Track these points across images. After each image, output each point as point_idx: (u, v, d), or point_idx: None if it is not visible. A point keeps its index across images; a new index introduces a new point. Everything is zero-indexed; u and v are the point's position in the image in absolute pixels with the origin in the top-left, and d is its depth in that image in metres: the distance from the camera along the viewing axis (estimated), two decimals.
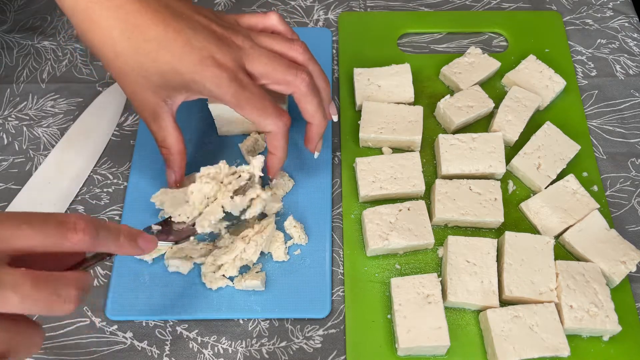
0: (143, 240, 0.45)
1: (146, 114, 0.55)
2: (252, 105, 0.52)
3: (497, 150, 0.64)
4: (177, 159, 0.58)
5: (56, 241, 0.38)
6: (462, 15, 0.79)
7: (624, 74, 0.74)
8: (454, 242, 0.59)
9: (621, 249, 0.59)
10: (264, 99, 0.53)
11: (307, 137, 0.60)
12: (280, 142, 0.56)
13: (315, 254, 0.61)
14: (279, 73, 0.53)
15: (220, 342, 0.58)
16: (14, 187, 0.66)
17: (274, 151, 0.58)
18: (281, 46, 0.55)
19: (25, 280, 0.36)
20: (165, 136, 0.56)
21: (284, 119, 0.55)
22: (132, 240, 0.44)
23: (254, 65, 0.53)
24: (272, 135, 0.56)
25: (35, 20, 0.78)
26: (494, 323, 0.55)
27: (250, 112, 0.53)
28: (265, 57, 0.53)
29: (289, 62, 0.54)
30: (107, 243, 0.42)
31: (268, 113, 0.53)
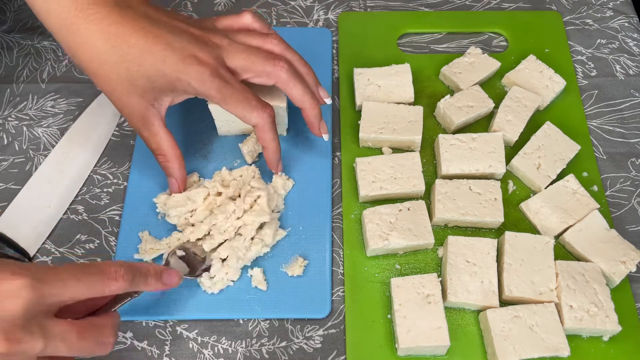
0: (167, 277, 0.51)
1: (136, 121, 0.55)
2: (235, 99, 0.54)
3: (497, 150, 0.64)
4: (175, 165, 0.59)
5: (99, 290, 0.44)
6: (462, 15, 0.79)
7: (624, 74, 0.74)
8: (454, 242, 0.59)
9: (621, 249, 0.59)
10: (246, 92, 0.55)
11: (307, 124, 0.61)
12: (268, 134, 0.58)
13: (315, 254, 0.61)
14: (258, 65, 0.55)
15: (220, 342, 0.58)
16: (14, 187, 0.66)
17: (266, 144, 0.59)
18: (257, 41, 0.57)
19: (72, 332, 0.43)
20: (159, 142, 0.57)
21: (267, 110, 0.56)
22: (159, 279, 0.50)
23: (233, 61, 0.55)
24: (259, 128, 0.57)
25: (35, 20, 0.78)
26: (494, 323, 0.55)
27: (235, 107, 0.55)
28: (244, 52, 0.55)
29: (266, 54, 0.56)
30: (139, 285, 0.48)
31: (252, 106, 0.55)
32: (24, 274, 0.40)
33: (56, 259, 0.62)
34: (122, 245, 0.62)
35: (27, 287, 0.40)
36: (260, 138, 0.58)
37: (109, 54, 0.51)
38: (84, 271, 0.44)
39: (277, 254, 0.61)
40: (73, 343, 0.43)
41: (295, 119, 0.69)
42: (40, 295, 0.41)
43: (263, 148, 0.60)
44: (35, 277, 0.41)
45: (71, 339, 0.42)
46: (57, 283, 0.42)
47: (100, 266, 0.45)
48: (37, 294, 0.40)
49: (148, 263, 0.51)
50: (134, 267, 0.47)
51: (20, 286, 0.40)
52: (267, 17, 0.79)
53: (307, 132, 0.69)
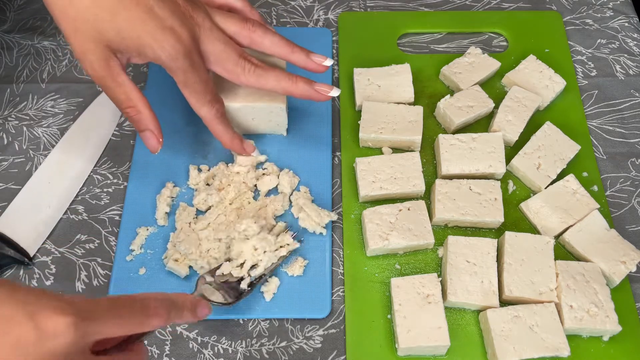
0: (200, 309, 0.48)
1: (99, 69, 0.51)
2: (194, 88, 0.54)
3: (497, 150, 0.64)
4: (149, 115, 0.55)
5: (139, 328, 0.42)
6: (462, 15, 0.79)
7: (624, 74, 0.74)
8: (454, 242, 0.59)
9: (621, 249, 0.59)
10: (207, 84, 0.55)
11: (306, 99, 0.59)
12: (217, 127, 0.58)
13: (315, 254, 0.61)
14: (229, 63, 0.55)
15: (220, 342, 0.58)
16: (14, 187, 0.66)
17: (218, 137, 0.60)
18: (236, 27, 0.56)
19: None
20: (127, 92, 0.53)
21: (216, 106, 0.56)
22: (194, 312, 0.47)
23: (208, 47, 0.54)
24: (206, 122, 0.57)
25: (35, 20, 0.78)
26: (494, 323, 0.55)
27: (190, 94, 0.55)
28: (221, 43, 0.55)
29: (240, 52, 0.56)
30: (174, 319, 0.45)
31: (205, 100, 0.55)
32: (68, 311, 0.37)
33: (56, 258, 0.62)
34: (122, 245, 0.62)
35: (71, 326, 0.36)
36: (211, 131, 0.59)
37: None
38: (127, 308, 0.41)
39: None
40: None
41: (295, 119, 0.69)
42: (83, 334, 0.38)
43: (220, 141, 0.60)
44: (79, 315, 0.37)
45: None
46: (100, 321, 0.39)
47: (142, 302, 0.42)
48: (81, 333, 0.37)
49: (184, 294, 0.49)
50: (172, 301, 0.45)
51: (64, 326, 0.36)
52: (267, 17, 0.79)
53: (307, 132, 0.69)
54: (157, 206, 0.63)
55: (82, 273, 0.61)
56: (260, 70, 0.56)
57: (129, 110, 0.54)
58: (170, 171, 0.66)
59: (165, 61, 0.52)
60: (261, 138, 0.68)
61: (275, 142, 0.68)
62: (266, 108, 0.63)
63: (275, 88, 0.57)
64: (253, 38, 0.57)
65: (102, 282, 0.61)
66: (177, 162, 0.67)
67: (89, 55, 0.51)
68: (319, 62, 0.59)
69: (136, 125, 0.55)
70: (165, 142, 0.67)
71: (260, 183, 0.64)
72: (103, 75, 0.52)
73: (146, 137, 0.56)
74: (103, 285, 0.60)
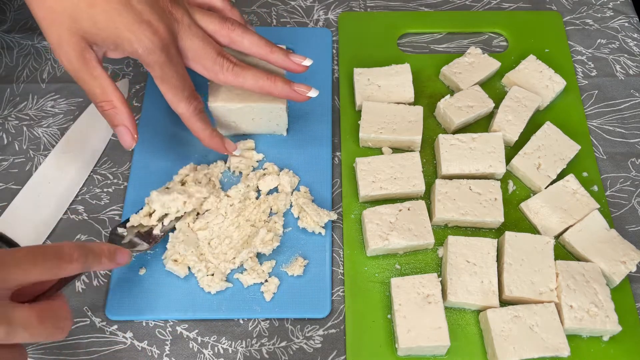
0: (120, 256, 0.51)
1: (74, 60, 0.50)
2: (171, 82, 0.53)
3: (497, 150, 0.64)
4: (125, 110, 0.53)
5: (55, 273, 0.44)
6: (462, 15, 0.79)
7: (624, 74, 0.74)
8: (454, 242, 0.59)
9: (621, 249, 0.59)
10: (184, 80, 0.54)
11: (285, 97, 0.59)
12: (195, 125, 0.57)
13: (315, 254, 0.61)
14: (208, 60, 0.55)
15: (220, 342, 0.58)
16: (14, 187, 0.66)
17: (197, 135, 0.59)
18: (215, 25, 0.56)
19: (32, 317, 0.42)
20: (103, 86, 0.52)
21: (194, 103, 0.56)
22: (112, 259, 0.50)
23: (186, 44, 0.54)
24: (184, 119, 0.56)
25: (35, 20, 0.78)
26: (494, 323, 0.55)
27: (168, 89, 0.54)
28: (200, 40, 0.54)
29: (219, 50, 0.55)
30: (93, 265, 0.47)
31: (182, 96, 0.54)
32: None
33: None
34: None
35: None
36: (190, 128, 0.58)
37: None
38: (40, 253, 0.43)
39: (277, 254, 0.61)
40: (34, 328, 0.42)
41: (295, 119, 0.69)
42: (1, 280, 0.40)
43: (199, 139, 0.59)
44: None
45: (32, 323, 0.41)
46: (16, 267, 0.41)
47: (56, 248, 0.44)
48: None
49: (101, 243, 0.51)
50: (88, 248, 0.47)
51: None
52: (267, 17, 0.79)
53: (307, 132, 0.69)
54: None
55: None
56: (238, 68, 0.56)
57: (103, 104, 0.53)
58: (170, 171, 0.66)
59: (141, 54, 0.51)
60: (261, 138, 0.68)
61: (275, 142, 0.68)
62: (266, 108, 0.63)
63: (254, 87, 0.57)
64: (232, 37, 0.57)
65: (102, 282, 0.61)
66: (176, 162, 0.67)
67: (64, 46, 0.50)
68: (298, 62, 0.58)
69: (110, 120, 0.54)
70: (165, 142, 0.68)
71: (260, 183, 0.64)
72: (78, 68, 0.51)
73: (121, 133, 0.55)
74: (103, 285, 0.60)
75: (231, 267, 0.59)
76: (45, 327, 0.42)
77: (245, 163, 0.65)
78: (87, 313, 0.59)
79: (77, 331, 0.58)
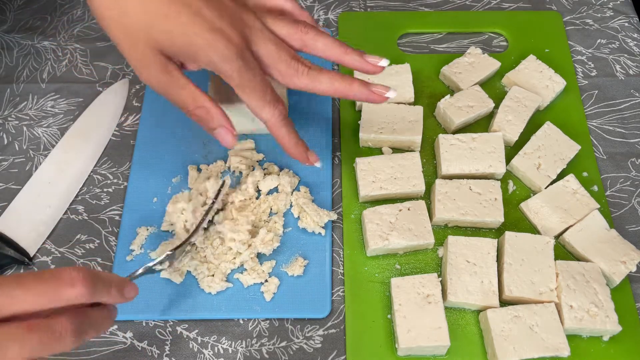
0: (128, 290, 0.46)
1: (161, 77, 0.50)
2: (253, 87, 0.51)
3: (497, 150, 0.64)
4: (219, 111, 0.52)
5: (52, 298, 0.39)
6: (462, 15, 0.79)
7: (624, 74, 0.74)
8: (454, 242, 0.59)
9: (621, 249, 0.59)
10: (265, 84, 0.52)
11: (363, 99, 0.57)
12: (280, 131, 0.54)
13: (315, 254, 0.61)
14: (283, 64, 0.53)
15: (220, 342, 0.58)
16: (14, 187, 0.66)
17: (281, 141, 0.55)
18: (287, 29, 0.54)
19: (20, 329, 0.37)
20: (193, 94, 0.51)
21: (279, 107, 0.53)
22: (121, 291, 0.45)
23: (260, 49, 0.52)
24: (269, 125, 0.54)
25: (35, 20, 0.78)
26: (494, 323, 0.55)
27: (250, 95, 0.52)
28: (273, 44, 0.52)
29: (293, 54, 0.54)
30: (102, 294, 0.42)
31: (266, 100, 0.52)
32: None
33: (56, 258, 0.62)
34: (122, 245, 0.62)
35: None
36: (274, 135, 0.55)
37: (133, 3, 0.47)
38: (33, 278, 0.39)
39: (277, 254, 0.61)
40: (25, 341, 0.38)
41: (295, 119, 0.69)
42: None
43: (282, 146, 0.56)
44: None
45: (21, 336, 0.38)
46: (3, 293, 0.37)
47: (54, 273, 0.40)
48: None
49: (110, 272, 0.46)
50: (95, 273, 0.41)
51: None
52: None
53: (307, 132, 0.69)
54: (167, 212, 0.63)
55: None
56: (314, 72, 0.54)
57: (198, 111, 0.52)
58: (170, 171, 0.66)
59: (218, 63, 0.50)
60: (261, 138, 0.68)
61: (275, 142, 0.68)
62: None
63: (329, 90, 0.55)
64: (305, 40, 0.55)
65: None
66: (176, 162, 0.67)
67: (147, 64, 0.49)
68: (374, 62, 0.57)
69: (207, 124, 0.53)
70: (165, 142, 0.68)
71: (260, 183, 0.64)
72: (165, 81, 0.50)
73: (221, 134, 0.53)
74: None
75: (231, 267, 0.59)
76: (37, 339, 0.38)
77: (245, 163, 0.65)
78: None
79: None
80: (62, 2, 0.80)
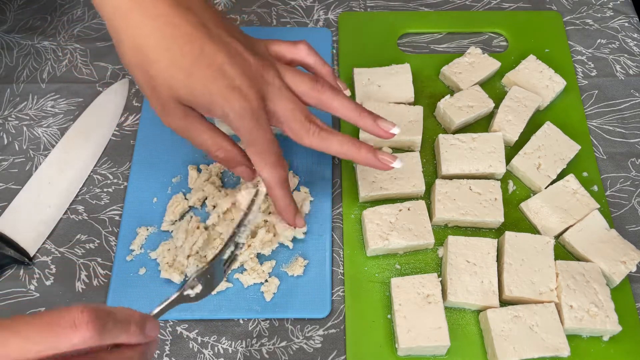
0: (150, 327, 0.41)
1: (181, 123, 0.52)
2: (258, 147, 0.53)
3: (497, 150, 0.64)
4: (238, 151, 0.55)
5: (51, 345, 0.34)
6: (462, 15, 0.79)
7: (624, 74, 0.74)
8: (454, 242, 0.59)
9: (621, 249, 0.59)
10: (272, 145, 0.53)
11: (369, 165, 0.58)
12: (274, 192, 0.56)
13: (315, 254, 0.61)
14: (296, 124, 0.54)
15: (220, 342, 0.58)
16: (14, 187, 0.66)
17: (275, 201, 0.58)
18: (305, 86, 0.55)
19: None
20: (213, 136, 0.53)
21: (279, 171, 0.55)
22: (142, 328, 0.40)
23: (276, 106, 0.53)
24: (266, 184, 0.56)
25: (35, 20, 0.78)
26: (494, 323, 0.55)
27: (254, 154, 0.53)
28: (289, 102, 0.53)
29: (307, 114, 0.54)
30: (118, 334, 0.37)
31: (268, 161, 0.54)
32: None
33: (56, 258, 0.62)
34: (122, 245, 0.62)
35: None
36: (270, 195, 0.57)
37: (159, 55, 0.48)
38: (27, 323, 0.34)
39: (277, 254, 0.61)
40: None
41: None
42: None
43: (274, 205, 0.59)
44: None
45: None
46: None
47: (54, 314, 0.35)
48: None
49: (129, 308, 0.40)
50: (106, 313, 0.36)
51: None
52: (267, 17, 0.79)
53: None
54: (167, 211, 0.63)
55: (82, 273, 0.61)
56: (325, 133, 0.55)
57: (219, 152, 0.54)
58: (170, 171, 0.66)
59: (232, 119, 0.51)
60: None
61: None
62: None
63: (338, 152, 0.56)
64: (321, 100, 0.56)
65: (102, 282, 0.61)
66: (176, 162, 0.67)
67: (169, 112, 0.51)
68: (387, 129, 0.57)
69: (229, 164, 0.56)
70: (165, 142, 0.68)
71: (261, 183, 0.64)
72: (185, 127, 0.52)
73: (243, 173, 0.57)
74: (103, 285, 0.60)
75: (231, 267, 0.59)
76: None
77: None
78: None
79: None
80: (62, 2, 0.80)
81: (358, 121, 0.57)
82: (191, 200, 0.63)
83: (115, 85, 0.72)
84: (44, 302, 0.59)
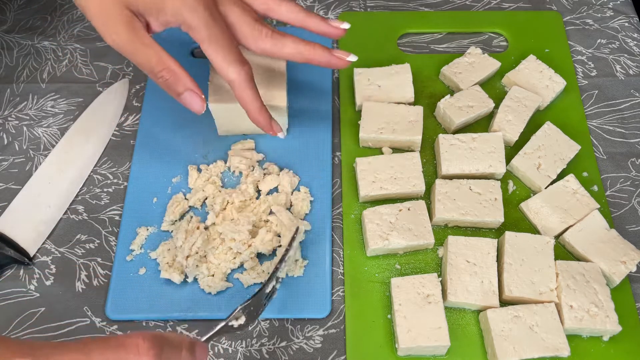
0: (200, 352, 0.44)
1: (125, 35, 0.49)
2: (219, 43, 0.51)
3: (497, 150, 0.64)
4: (184, 73, 0.51)
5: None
6: (462, 15, 0.79)
7: (624, 74, 0.74)
8: (454, 242, 0.59)
9: (621, 249, 0.59)
10: (232, 41, 0.52)
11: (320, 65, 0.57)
12: (246, 92, 0.53)
13: (315, 254, 0.61)
14: (247, 27, 0.53)
15: (220, 342, 0.58)
16: (14, 187, 0.66)
17: (246, 105, 0.55)
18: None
19: None
20: (158, 53, 0.50)
21: (245, 67, 0.53)
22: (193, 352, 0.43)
23: (226, 9, 0.52)
24: (235, 85, 0.53)
25: (35, 20, 0.78)
26: (494, 323, 0.55)
27: (215, 51, 0.51)
28: (238, 7, 0.53)
29: (256, 17, 0.54)
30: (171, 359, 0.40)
31: (232, 58, 0.52)
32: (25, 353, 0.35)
33: (56, 258, 0.62)
34: (122, 245, 0.62)
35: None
36: (239, 98, 0.54)
37: None
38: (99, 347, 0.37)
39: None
40: None
41: (295, 119, 0.69)
42: None
43: (246, 111, 0.56)
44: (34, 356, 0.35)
45: None
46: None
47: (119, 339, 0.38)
48: None
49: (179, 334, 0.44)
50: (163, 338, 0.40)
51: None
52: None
53: (307, 132, 0.69)
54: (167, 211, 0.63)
55: (82, 273, 0.61)
56: (277, 35, 0.54)
57: (163, 72, 0.50)
58: (170, 171, 0.66)
59: (184, 12, 0.49)
60: (261, 138, 0.68)
61: (275, 142, 0.68)
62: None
63: (293, 54, 0.55)
64: (269, 5, 0.55)
65: (102, 282, 0.61)
66: (176, 162, 0.67)
67: (112, 20, 0.48)
68: (336, 25, 0.56)
69: (173, 88, 0.51)
70: (165, 142, 0.68)
71: (260, 183, 0.64)
72: (129, 39, 0.49)
73: (188, 99, 0.52)
74: (103, 285, 0.60)
75: (231, 267, 0.59)
76: None
77: (246, 163, 0.65)
78: (87, 313, 0.59)
79: (77, 331, 0.58)
80: (62, 2, 0.80)
81: (307, 22, 0.56)
82: (191, 200, 0.63)
83: (115, 85, 0.72)
84: (44, 302, 0.59)
